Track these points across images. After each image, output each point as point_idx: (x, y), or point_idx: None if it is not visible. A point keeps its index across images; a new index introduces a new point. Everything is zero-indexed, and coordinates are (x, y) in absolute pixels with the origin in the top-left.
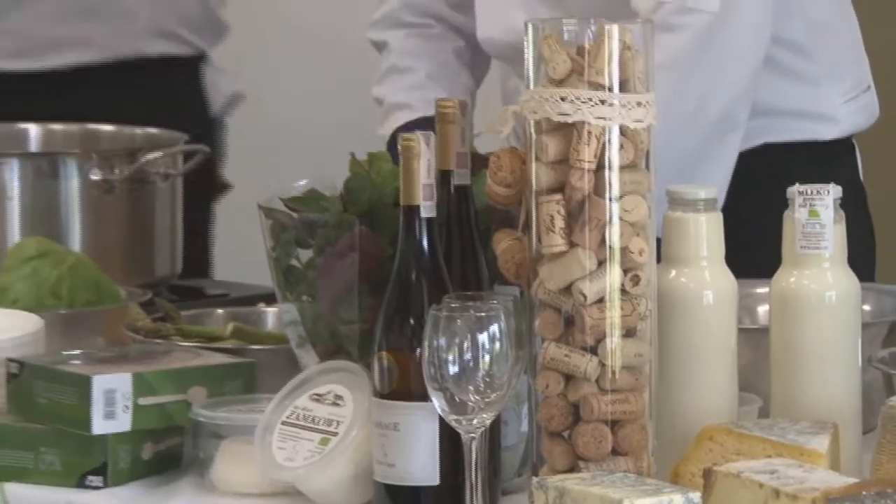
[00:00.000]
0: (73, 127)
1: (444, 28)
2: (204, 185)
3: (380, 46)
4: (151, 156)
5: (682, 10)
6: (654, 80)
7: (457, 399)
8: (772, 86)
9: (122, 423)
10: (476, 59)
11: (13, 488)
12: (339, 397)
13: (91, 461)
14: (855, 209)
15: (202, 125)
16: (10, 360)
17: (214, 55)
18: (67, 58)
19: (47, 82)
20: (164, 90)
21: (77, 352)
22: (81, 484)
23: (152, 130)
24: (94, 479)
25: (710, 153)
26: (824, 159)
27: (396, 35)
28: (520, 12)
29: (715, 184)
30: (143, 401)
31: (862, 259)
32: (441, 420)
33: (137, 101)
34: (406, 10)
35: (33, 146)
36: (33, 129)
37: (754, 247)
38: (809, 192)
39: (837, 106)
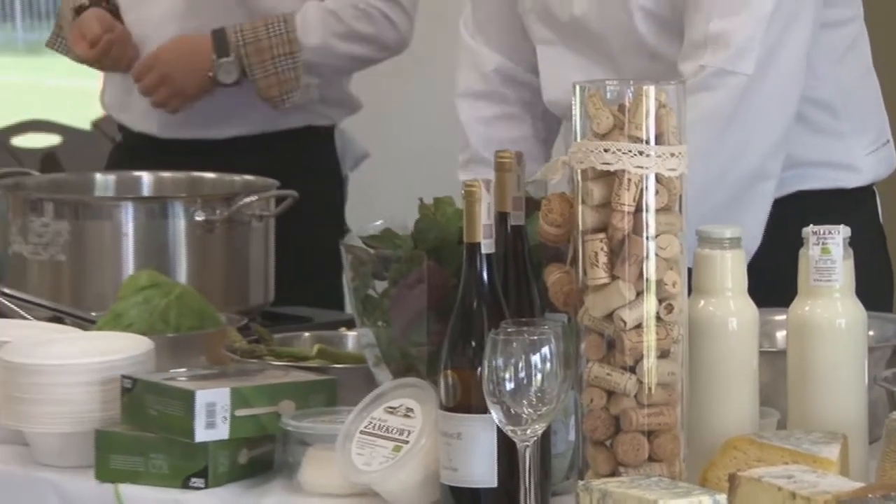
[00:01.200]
0: (179, 174)
1: (522, 109)
2: (333, 229)
3: (463, 125)
4: (247, 200)
5: (721, 72)
6: (693, 134)
7: (512, 412)
8: (804, 141)
9: (222, 431)
10: (549, 130)
11: (127, 489)
12: (409, 410)
13: (194, 465)
14: (875, 248)
15: (335, 181)
16: (125, 376)
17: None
18: (230, 130)
19: (210, 149)
20: (307, 153)
21: (182, 370)
22: (186, 485)
23: (248, 177)
24: (197, 481)
25: (744, 201)
26: (850, 205)
27: (478, 119)
28: (577, 75)
29: (749, 228)
30: (239, 412)
31: (881, 292)
32: (499, 430)
33: (284, 163)
34: (494, 76)
35: (146, 191)
36: (146, 177)
37: (789, 280)
38: (822, 231)
39: (861, 158)
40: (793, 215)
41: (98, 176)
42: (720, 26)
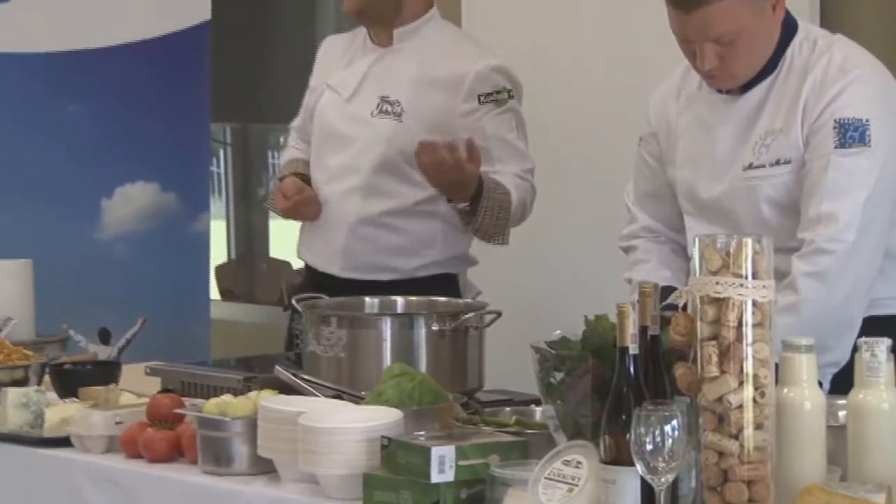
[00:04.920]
0: (422, 299)
1: (667, 238)
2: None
3: (627, 250)
4: (467, 316)
5: (831, 239)
6: (813, 282)
7: (651, 465)
8: (877, 284)
9: (449, 476)
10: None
11: None
12: (579, 463)
13: (430, 499)
14: None
15: None
16: (383, 436)
17: None
18: (386, 277)
19: (370, 288)
20: (438, 292)
21: (423, 432)
22: None
23: (468, 301)
24: None
25: (846, 329)
26: None
27: (638, 242)
28: None
29: (844, 347)
30: (461, 462)
31: None
32: (642, 478)
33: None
34: (643, 231)
35: (399, 310)
36: (399, 300)
37: None
38: (871, 342)
39: None
40: (869, 334)
41: (367, 299)
42: (830, 207)
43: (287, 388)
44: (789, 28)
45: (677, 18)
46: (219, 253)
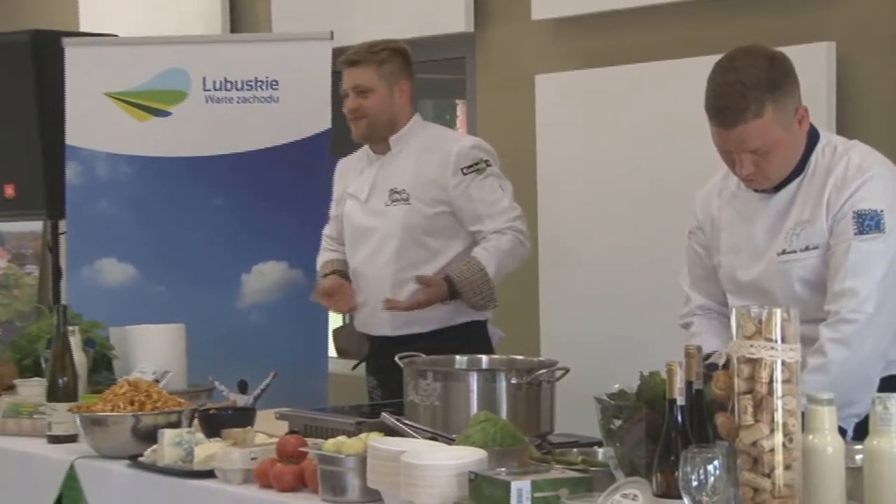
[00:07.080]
0: (502, 357)
1: (717, 313)
2: None
3: (685, 326)
4: (540, 372)
5: (853, 311)
6: (839, 348)
7: (696, 499)
8: (890, 346)
9: None
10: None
11: None
12: (635, 496)
13: None
14: None
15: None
16: (471, 472)
17: None
18: (424, 328)
19: (415, 338)
20: (468, 341)
21: (503, 469)
22: None
23: (542, 359)
24: None
25: (866, 385)
26: None
27: (694, 319)
28: None
29: (865, 400)
30: (536, 495)
31: None
32: None
33: (460, 344)
34: (698, 309)
35: (484, 366)
36: (484, 358)
37: None
38: (882, 397)
39: None
40: (883, 391)
41: (457, 357)
42: (852, 284)
43: (392, 431)
44: (813, 137)
45: (719, 133)
46: (336, 319)
